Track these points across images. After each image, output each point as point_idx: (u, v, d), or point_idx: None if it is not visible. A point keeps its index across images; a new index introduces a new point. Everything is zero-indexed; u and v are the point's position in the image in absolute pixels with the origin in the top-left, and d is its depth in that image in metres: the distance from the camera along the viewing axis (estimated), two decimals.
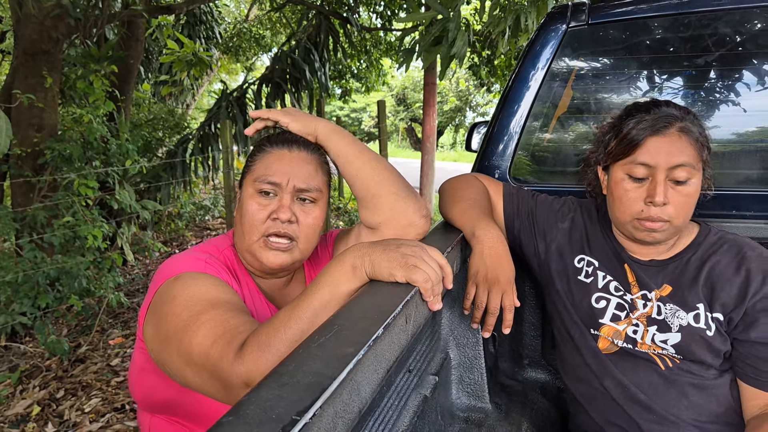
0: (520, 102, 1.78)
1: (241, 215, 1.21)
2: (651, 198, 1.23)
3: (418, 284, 0.90)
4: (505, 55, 7.81)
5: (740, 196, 1.59)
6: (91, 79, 4.47)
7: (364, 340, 0.71)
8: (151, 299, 1.09)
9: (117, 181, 4.51)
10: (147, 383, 1.16)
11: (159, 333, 1.01)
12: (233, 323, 0.93)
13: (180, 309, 0.98)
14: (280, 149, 1.23)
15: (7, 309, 3.37)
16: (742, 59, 1.68)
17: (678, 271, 1.32)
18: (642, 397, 1.29)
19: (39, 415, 3.07)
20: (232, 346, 0.87)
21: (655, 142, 1.24)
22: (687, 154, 1.22)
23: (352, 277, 0.91)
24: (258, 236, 1.18)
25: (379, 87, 11.56)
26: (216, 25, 9.61)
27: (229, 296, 1.04)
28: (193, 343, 0.92)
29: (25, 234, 3.86)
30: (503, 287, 1.26)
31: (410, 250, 0.93)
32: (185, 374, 0.96)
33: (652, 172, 1.24)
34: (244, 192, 1.22)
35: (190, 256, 1.15)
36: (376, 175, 1.29)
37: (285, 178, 1.19)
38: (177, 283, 1.05)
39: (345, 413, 0.64)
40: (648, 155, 1.24)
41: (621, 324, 1.33)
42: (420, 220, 1.31)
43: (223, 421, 0.54)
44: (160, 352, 1.01)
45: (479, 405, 1.45)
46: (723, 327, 1.24)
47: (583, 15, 1.75)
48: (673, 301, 1.29)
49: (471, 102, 24.46)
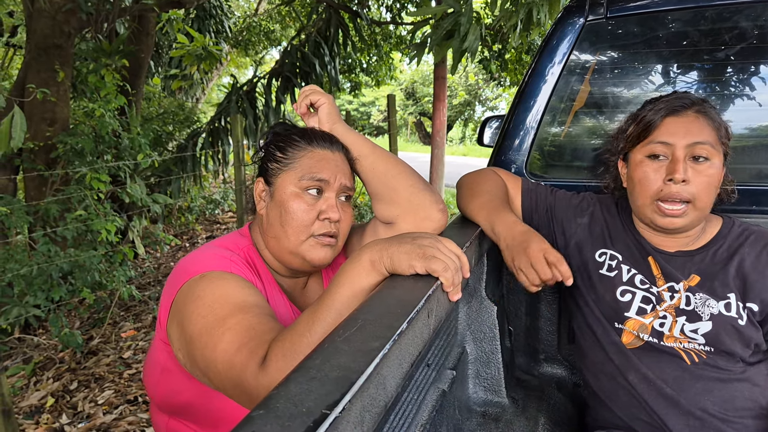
0: (536, 96, 1.76)
1: (282, 216, 1.17)
2: (671, 174, 1.24)
3: (437, 274, 0.90)
4: (516, 49, 7.77)
5: (761, 192, 1.57)
6: (103, 74, 4.49)
7: (389, 335, 0.70)
8: (173, 298, 1.06)
9: (128, 174, 4.53)
10: (171, 384, 1.14)
11: (184, 333, 1.00)
12: (259, 330, 0.91)
13: (206, 311, 0.97)
14: (322, 149, 1.23)
15: (20, 301, 3.39)
16: (761, 53, 1.66)
17: (706, 261, 1.32)
18: (668, 391, 1.28)
19: (53, 407, 3.10)
20: (256, 356, 0.86)
21: (672, 121, 1.26)
22: (706, 134, 1.25)
23: (371, 272, 0.90)
24: (306, 236, 1.17)
25: (389, 81, 11.52)
26: (225, 19, 9.61)
27: (256, 298, 1.02)
28: (217, 349, 0.91)
29: (38, 227, 3.89)
30: (538, 254, 1.25)
31: (427, 242, 0.93)
32: (210, 378, 0.96)
33: (671, 150, 1.26)
34: (284, 191, 1.18)
35: (214, 252, 1.12)
36: (392, 168, 1.30)
37: (333, 176, 1.19)
38: (202, 282, 1.02)
39: (372, 407, 0.63)
40: (666, 134, 1.26)
41: (647, 317, 1.32)
42: (437, 214, 1.30)
43: (254, 415, 0.54)
44: (188, 353, 1.00)
45: (496, 399, 1.45)
46: (756, 317, 1.24)
47: (601, 8, 1.74)
48: (703, 291, 1.29)
49: (480, 96, 24.37)
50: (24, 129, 3.39)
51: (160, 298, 1.12)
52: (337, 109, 1.34)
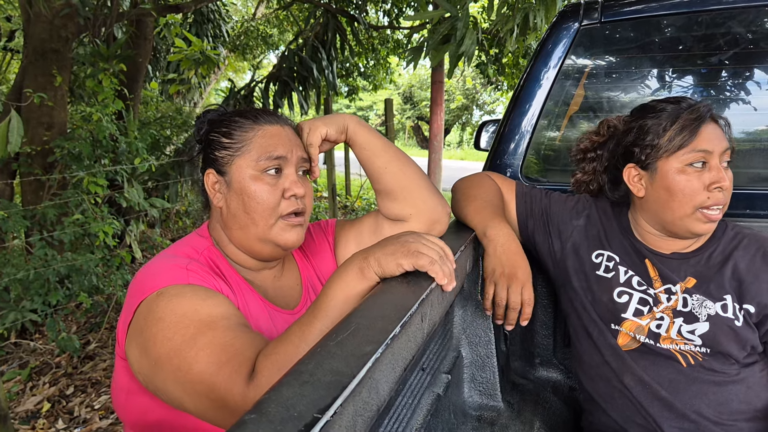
0: (532, 101, 1.77)
1: (245, 202, 1.10)
2: (718, 183, 1.24)
3: (425, 268, 0.91)
4: (513, 53, 7.78)
5: (754, 196, 1.58)
6: (100, 78, 4.49)
7: (382, 339, 0.71)
8: (132, 316, 0.98)
9: (126, 179, 4.52)
10: (137, 405, 1.07)
11: (148, 357, 0.92)
12: (237, 346, 0.86)
13: (170, 332, 0.90)
14: (271, 125, 1.16)
15: (17, 306, 3.39)
16: (755, 58, 1.67)
17: (702, 264, 1.34)
18: (663, 393, 1.29)
19: (49, 412, 3.09)
20: (241, 373, 0.82)
21: (709, 128, 1.27)
22: (727, 139, 1.28)
23: (362, 279, 0.91)
24: (275, 219, 1.12)
25: (387, 85, 11.54)
26: (223, 23, 9.61)
27: (222, 309, 0.95)
28: (192, 371, 0.86)
29: (35, 232, 3.89)
30: (522, 282, 1.27)
31: (410, 239, 0.94)
32: (182, 402, 0.90)
33: (710, 157, 1.26)
34: (242, 176, 1.11)
35: (168, 263, 1.03)
36: (406, 167, 1.29)
37: (289, 150, 1.13)
38: (161, 302, 0.94)
39: (364, 411, 0.64)
40: (707, 142, 1.26)
41: (644, 319, 1.33)
42: (446, 217, 1.32)
43: (246, 419, 0.54)
44: (152, 377, 0.93)
45: (491, 404, 1.45)
46: (752, 319, 1.25)
47: (595, 13, 1.75)
48: (699, 292, 1.30)
49: (478, 100, 24.39)
50: (21, 133, 3.39)
51: (120, 316, 1.03)
52: (330, 115, 1.28)
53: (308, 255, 1.37)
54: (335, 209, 7.37)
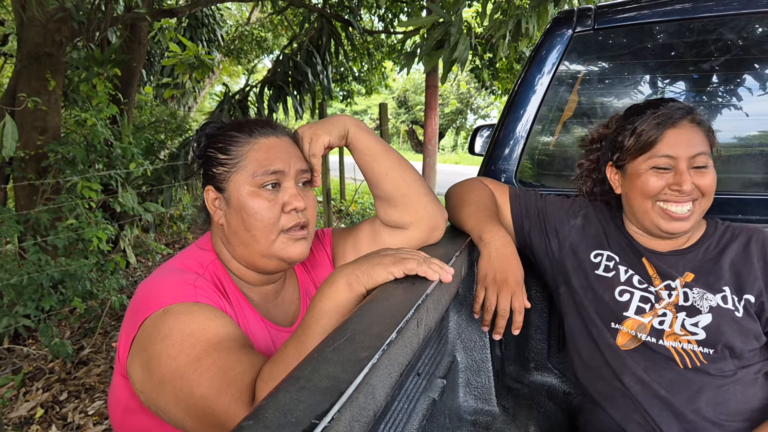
0: (526, 106, 1.78)
1: (245, 220, 1.08)
2: (678, 186, 1.27)
3: (416, 270, 0.95)
4: (506, 58, 7.82)
5: (745, 201, 1.60)
6: (95, 82, 4.48)
7: (378, 344, 0.71)
8: (136, 332, 0.96)
9: (120, 183, 4.51)
10: (135, 422, 1.05)
11: (151, 375, 0.91)
12: (239, 371, 0.86)
13: (175, 351, 0.89)
14: (266, 137, 1.13)
15: (10, 311, 3.37)
16: (746, 64, 1.69)
17: (698, 258, 1.36)
18: (662, 393, 1.29)
19: (42, 418, 3.07)
20: (241, 400, 0.82)
21: (673, 134, 1.29)
22: (703, 144, 1.29)
23: (350, 293, 0.92)
24: (276, 234, 1.09)
25: (381, 90, 11.57)
26: (218, 27, 9.61)
27: (228, 330, 0.94)
28: (195, 394, 0.85)
29: (28, 236, 3.87)
30: (512, 289, 1.27)
31: (389, 251, 1.00)
32: (184, 423, 0.89)
33: (675, 162, 1.29)
34: (239, 193, 1.09)
35: (176, 279, 1.02)
36: (407, 174, 1.27)
37: (287, 164, 1.11)
38: (168, 319, 0.93)
39: (361, 417, 0.64)
40: (669, 147, 1.29)
41: (646, 317, 1.34)
42: (444, 224, 1.34)
43: (243, 425, 0.54)
44: (154, 397, 0.92)
45: (486, 408, 1.46)
46: (753, 308, 1.27)
47: (588, 20, 1.76)
48: (699, 285, 1.33)
49: (472, 104, 24.47)
50: (15, 138, 3.37)
51: (120, 331, 1.01)
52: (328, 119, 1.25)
53: (308, 268, 1.36)
54: (330, 214, 7.37)
